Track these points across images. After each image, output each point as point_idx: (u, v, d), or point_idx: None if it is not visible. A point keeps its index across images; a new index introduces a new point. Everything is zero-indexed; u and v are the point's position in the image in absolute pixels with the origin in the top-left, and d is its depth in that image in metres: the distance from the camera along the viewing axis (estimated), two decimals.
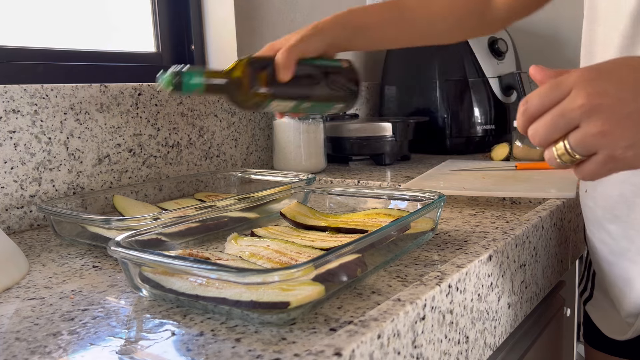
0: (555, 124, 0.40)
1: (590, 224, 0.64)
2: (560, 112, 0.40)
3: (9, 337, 0.39)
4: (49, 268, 0.55)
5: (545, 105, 0.41)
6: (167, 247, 0.54)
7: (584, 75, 0.40)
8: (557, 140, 0.41)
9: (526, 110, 0.42)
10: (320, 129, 1.04)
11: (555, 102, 0.40)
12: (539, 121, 0.41)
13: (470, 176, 0.88)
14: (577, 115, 0.39)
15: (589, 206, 0.63)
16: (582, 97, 0.39)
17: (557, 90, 0.40)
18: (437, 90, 1.25)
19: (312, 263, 0.38)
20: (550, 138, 0.41)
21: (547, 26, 1.49)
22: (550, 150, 0.42)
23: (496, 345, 0.52)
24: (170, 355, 0.36)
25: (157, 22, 1.05)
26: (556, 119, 0.40)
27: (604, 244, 0.61)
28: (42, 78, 0.84)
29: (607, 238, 0.60)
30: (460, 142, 1.24)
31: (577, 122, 0.39)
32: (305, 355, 0.31)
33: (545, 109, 0.41)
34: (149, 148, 0.88)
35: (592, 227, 0.63)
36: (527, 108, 0.42)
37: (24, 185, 0.73)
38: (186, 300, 0.42)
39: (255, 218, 0.67)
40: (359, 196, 0.68)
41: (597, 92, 0.39)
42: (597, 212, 0.61)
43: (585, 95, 0.39)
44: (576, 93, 0.39)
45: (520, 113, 0.42)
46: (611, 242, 0.60)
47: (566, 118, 0.39)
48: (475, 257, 0.47)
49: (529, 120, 0.42)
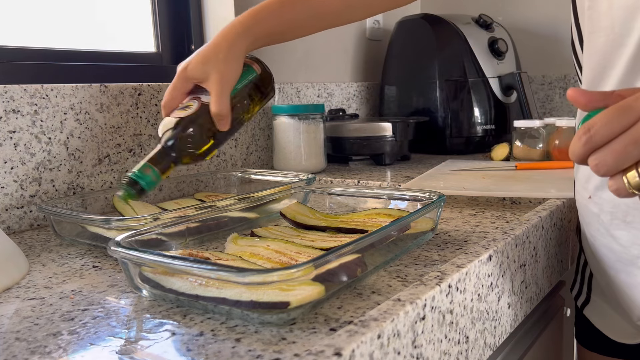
0: (628, 152, 0.37)
1: (593, 229, 0.62)
2: (633, 139, 0.37)
3: (9, 337, 0.39)
4: (49, 268, 0.55)
5: (614, 132, 0.37)
6: (167, 247, 0.54)
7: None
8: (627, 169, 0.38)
9: (591, 138, 0.38)
10: (320, 129, 1.04)
11: (624, 128, 0.37)
12: (605, 149, 0.38)
13: (470, 176, 0.88)
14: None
15: (592, 212, 0.62)
16: None
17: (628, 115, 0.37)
18: (437, 90, 1.25)
19: (312, 263, 0.38)
20: (620, 167, 0.38)
21: (547, 26, 1.49)
22: (618, 179, 0.39)
23: (496, 345, 0.52)
24: (170, 355, 0.36)
25: (157, 22, 1.05)
26: (629, 147, 0.37)
27: (609, 250, 0.60)
28: (42, 78, 0.84)
29: (613, 244, 0.59)
30: (460, 142, 1.24)
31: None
32: (305, 355, 0.31)
33: (614, 136, 0.38)
34: (149, 148, 0.88)
35: (595, 233, 0.62)
36: (592, 136, 0.38)
37: (24, 185, 0.73)
38: (186, 300, 0.42)
39: (255, 218, 0.67)
40: (359, 196, 0.68)
41: None
42: (602, 218, 0.60)
43: None
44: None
45: (582, 142, 0.38)
46: (619, 248, 0.59)
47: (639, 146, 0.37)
48: (475, 257, 0.47)
49: (592, 149, 0.39)
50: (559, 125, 1.02)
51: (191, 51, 1.10)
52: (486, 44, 1.26)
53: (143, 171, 0.59)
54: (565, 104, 1.49)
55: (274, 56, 1.16)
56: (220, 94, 0.63)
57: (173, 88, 0.67)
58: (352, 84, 1.40)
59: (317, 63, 1.30)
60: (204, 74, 0.64)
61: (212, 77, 0.64)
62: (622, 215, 0.57)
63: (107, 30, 0.99)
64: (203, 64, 0.65)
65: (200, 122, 0.63)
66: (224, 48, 0.65)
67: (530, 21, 1.51)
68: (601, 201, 0.60)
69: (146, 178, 0.59)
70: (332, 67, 1.35)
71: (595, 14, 0.56)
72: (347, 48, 1.41)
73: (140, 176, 0.58)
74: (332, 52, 1.35)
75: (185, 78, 0.66)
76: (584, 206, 0.63)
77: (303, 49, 1.25)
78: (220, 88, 0.63)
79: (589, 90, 0.41)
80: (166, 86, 0.91)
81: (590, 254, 0.65)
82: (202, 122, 0.63)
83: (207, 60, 0.65)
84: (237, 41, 0.66)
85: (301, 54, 1.25)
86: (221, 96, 0.63)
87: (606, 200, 0.59)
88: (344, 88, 1.37)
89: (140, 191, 0.59)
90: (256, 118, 1.08)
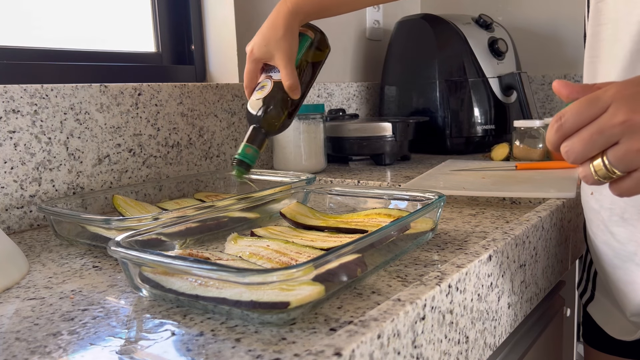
0: (594, 140, 0.39)
1: (594, 225, 0.63)
2: (598, 129, 0.39)
3: (9, 337, 0.39)
4: (49, 268, 0.55)
5: (582, 121, 0.40)
6: (167, 247, 0.54)
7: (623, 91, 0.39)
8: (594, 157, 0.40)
9: (561, 126, 0.41)
10: (320, 129, 1.04)
11: (592, 118, 0.39)
12: (574, 137, 0.40)
13: (470, 176, 0.88)
14: (618, 132, 0.38)
15: (592, 208, 0.62)
16: (624, 113, 0.38)
17: (595, 105, 0.39)
18: (437, 90, 1.25)
19: (312, 263, 0.38)
20: (587, 155, 0.40)
21: (547, 26, 1.49)
22: (586, 167, 0.41)
23: (496, 345, 0.52)
24: (170, 355, 0.36)
25: (157, 22, 1.05)
26: (595, 136, 0.39)
27: (608, 247, 0.61)
28: (42, 78, 0.84)
29: (612, 241, 0.60)
30: (460, 142, 1.24)
31: (617, 138, 0.39)
32: (305, 355, 0.31)
33: (582, 125, 0.40)
34: (149, 148, 0.88)
35: (595, 229, 0.62)
36: (562, 124, 0.40)
37: (24, 185, 0.73)
38: (186, 300, 0.42)
39: (255, 218, 0.67)
40: (359, 196, 0.68)
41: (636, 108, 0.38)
42: (601, 214, 0.60)
43: (626, 112, 0.38)
44: (616, 109, 0.38)
45: (554, 130, 0.41)
46: (617, 245, 0.59)
47: (606, 134, 0.39)
48: (475, 257, 0.47)
49: (563, 136, 0.41)
50: None
51: (191, 51, 1.10)
52: (486, 44, 1.26)
53: (245, 151, 0.72)
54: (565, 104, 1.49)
55: None
56: (287, 69, 0.73)
57: (248, 71, 0.77)
58: (352, 84, 1.40)
59: None
60: (268, 53, 0.74)
61: (277, 55, 0.73)
62: (620, 211, 0.58)
63: (107, 30, 0.99)
64: (266, 45, 0.74)
65: (278, 97, 0.74)
66: (280, 27, 0.74)
67: (530, 21, 1.51)
68: (601, 197, 0.60)
69: (249, 156, 0.72)
70: (332, 67, 1.35)
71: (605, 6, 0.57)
72: (347, 48, 1.41)
73: (244, 155, 0.72)
74: (332, 52, 1.35)
75: (255, 60, 0.76)
76: (587, 203, 0.64)
77: None
78: (286, 63, 0.73)
79: (572, 83, 0.43)
80: (166, 86, 0.91)
81: (592, 251, 0.66)
82: (279, 97, 0.74)
83: (268, 42, 0.74)
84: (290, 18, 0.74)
85: None
86: (289, 70, 0.73)
87: (605, 196, 0.59)
88: (344, 88, 1.37)
89: (247, 167, 0.72)
90: None
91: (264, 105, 0.73)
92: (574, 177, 0.82)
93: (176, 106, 0.92)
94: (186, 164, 0.94)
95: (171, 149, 0.92)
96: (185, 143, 0.94)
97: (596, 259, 0.65)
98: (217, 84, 1.00)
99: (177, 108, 0.93)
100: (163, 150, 0.90)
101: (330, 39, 1.34)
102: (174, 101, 0.92)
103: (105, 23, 0.98)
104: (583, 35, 0.65)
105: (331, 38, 1.36)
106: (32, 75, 0.83)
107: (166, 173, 0.91)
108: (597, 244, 0.63)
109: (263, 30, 0.75)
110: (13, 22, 0.84)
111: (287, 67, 0.73)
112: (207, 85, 0.98)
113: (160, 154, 0.90)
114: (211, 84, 1.00)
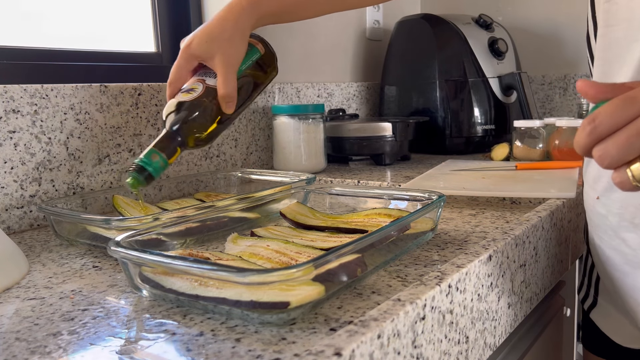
0: (631, 143, 0.36)
1: (600, 230, 0.61)
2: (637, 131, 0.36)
3: (9, 337, 0.39)
4: (49, 268, 0.55)
5: (617, 123, 0.37)
6: (167, 247, 0.54)
7: None
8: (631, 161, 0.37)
9: (595, 128, 0.37)
10: (320, 129, 1.04)
11: (629, 120, 0.37)
12: (609, 140, 0.37)
13: (470, 176, 0.88)
14: None
15: (599, 213, 0.60)
16: None
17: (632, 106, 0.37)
18: (437, 90, 1.25)
19: (312, 263, 0.38)
20: (623, 159, 0.37)
21: (547, 26, 1.49)
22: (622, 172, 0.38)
23: (496, 345, 0.52)
24: (170, 355, 0.36)
25: (157, 22, 1.05)
26: (632, 139, 0.36)
27: (617, 253, 0.59)
28: (42, 78, 0.84)
29: (622, 247, 0.58)
30: (460, 142, 1.24)
31: None
32: (305, 355, 0.31)
33: (618, 127, 0.37)
34: None
35: (602, 235, 0.61)
36: (596, 126, 0.37)
37: (24, 185, 0.73)
38: (186, 300, 0.42)
39: (255, 218, 0.67)
40: (359, 196, 0.68)
41: None
42: (610, 220, 0.59)
43: None
44: None
45: (587, 132, 0.38)
46: (628, 251, 0.58)
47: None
48: (475, 257, 0.47)
49: (596, 140, 0.38)
50: (559, 125, 1.02)
51: None
52: (486, 44, 1.26)
53: (150, 157, 0.59)
54: (565, 104, 1.49)
55: None
56: (226, 76, 0.62)
57: (177, 67, 0.65)
58: (352, 84, 1.40)
59: (317, 63, 1.30)
60: (208, 53, 0.63)
61: (217, 58, 0.63)
62: (630, 217, 0.56)
63: (107, 30, 0.99)
64: (207, 42, 0.63)
65: (205, 106, 0.62)
66: (229, 26, 0.63)
67: (530, 21, 1.51)
68: (609, 202, 0.58)
69: (154, 164, 0.59)
70: (332, 67, 1.35)
71: (614, 6, 0.55)
72: (347, 48, 1.41)
73: (147, 162, 0.59)
74: (332, 52, 1.35)
75: (190, 56, 0.64)
76: (592, 207, 0.62)
77: (303, 49, 1.25)
78: (226, 70, 0.62)
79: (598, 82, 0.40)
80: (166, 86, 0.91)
81: (597, 256, 0.64)
82: (207, 106, 0.63)
83: (211, 39, 0.63)
84: (243, 18, 0.65)
85: (301, 54, 1.25)
86: (228, 78, 0.62)
87: (615, 201, 0.58)
88: (344, 88, 1.37)
89: (148, 177, 0.59)
90: (256, 118, 1.08)
91: (187, 111, 0.62)
92: (574, 177, 0.82)
93: None
94: (186, 164, 0.94)
95: None
96: None
97: (601, 264, 0.63)
98: None
99: None
100: None
101: (331, 38, 1.34)
102: None
103: (106, 23, 0.98)
104: (585, 36, 0.65)
105: (331, 38, 1.36)
106: (32, 75, 0.83)
107: (166, 173, 0.91)
108: (604, 249, 0.61)
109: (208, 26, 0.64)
110: (13, 22, 0.84)
111: (227, 74, 0.62)
112: None
113: None
114: None
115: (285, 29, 1.19)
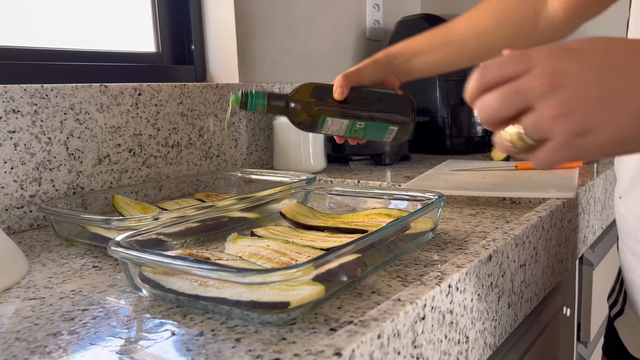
0: (508, 100, 0.35)
1: (622, 232, 0.59)
2: (515, 88, 0.35)
3: (9, 337, 0.39)
4: (49, 268, 0.55)
5: (502, 76, 0.36)
6: (167, 247, 0.54)
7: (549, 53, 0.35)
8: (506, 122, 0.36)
9: (482, 76, 0.36)
10: None
11: (514, 76, 0.35)
12: (491, 93, 0.36)
13: (470, 176, 0.88)
14: (536, 95, 0.34)
15: (621, 214, 0.58)
16: (542, 75, 0.34)
17: (519, 63, 0.35)
18: (437, 90, 1.25)
19: (312, 263, 0.38)
20: (498, 115, 0.36)
21: None
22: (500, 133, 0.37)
23: (496, 345, 0.52)
24: (170, 355, 0.36)
25: (157, 22, 1.05)
26: (511, 95, 0.35)
27: (636, 257, 0.56)
28: (42, 78, 0.84)
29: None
30: (460, 142, 1.24)
31: (531, 102, 0.35)
32: (305, 355, 0.31)
33: (503, 80, 0.36)
34: (149, 148, 0.88)
35: (624, 237, 0.58)
36: (483, 74, 0.36)
37: (24, 185, 0.73)
38: (186, 300, 0.42)
39: (255, 218, 0.67)
40: (359, 196, 0.68)
41: (558, 72, 0.34)
42: (629, 221, 0.56)
43: (545, 74, 0.34)
44: (537, 70, 0.35)
45: (474, 79, 0.37)
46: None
47: (521, 96, 0.35)
48: (475, 257, 0.47)
49: (481, 88, 0.37)
50: None
51: (191, 51, 1.10)
52: None
53: (259, 94, 0.67)
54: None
55: (273, 56, 1.16)
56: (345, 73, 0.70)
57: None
58: None
59: (317, 63, 1.30)
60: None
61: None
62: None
63: (108, 30, 0.99)
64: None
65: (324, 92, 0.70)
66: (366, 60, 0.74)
67: None
68: (629, 202, 0.56)
69: (256, 98, 0.67)
70: (332, 67, 1.35)
71: None
72: (347, 48, 1.41)
73: (254, 95, 0.67)
74: (332, 52, 1.35)
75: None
76: (616, 208, 0.60)
77: (303, 49, 1.25)
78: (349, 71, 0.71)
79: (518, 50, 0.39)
80: (166, 86, 0.91)
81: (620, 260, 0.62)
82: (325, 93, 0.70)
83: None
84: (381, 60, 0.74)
85: (301, 54, 1.25)
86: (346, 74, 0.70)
87: (634, 201, 0.55)
88: None
89: (243, 104, 0.67)
90: (256, 118, 1.08)
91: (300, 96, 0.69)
92: (574, 177, 0.82)
93: (176, 106, 0.92)
94: (186, 164, 0.94)
95: (171, 149, 0.92)
96: (185, 143, 0.94)
97: (623, 269, 0.61)
98: (217, 84, 1.00)
99: (177, 108, 0.93)
100: (163, 150, 0.90)
101: (331, 38, 1.34)
102: (174, 101, 0.92)
103: (106, 23, 0.98)
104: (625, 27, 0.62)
105: (331, 38, 1.36)
106: (32, 75, 0.83)
107: (166, 173, 0.91)
108: (625, 252, 0.59)
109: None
110: (13, 22, 0.84)
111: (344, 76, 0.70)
112: (207, 85, 0.98)
113: (160, 154, 0.90)
114: (211, 84, 1.00)
115: (285, 29, 1.19)
